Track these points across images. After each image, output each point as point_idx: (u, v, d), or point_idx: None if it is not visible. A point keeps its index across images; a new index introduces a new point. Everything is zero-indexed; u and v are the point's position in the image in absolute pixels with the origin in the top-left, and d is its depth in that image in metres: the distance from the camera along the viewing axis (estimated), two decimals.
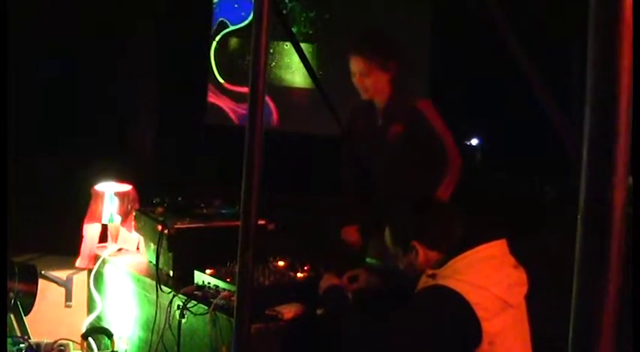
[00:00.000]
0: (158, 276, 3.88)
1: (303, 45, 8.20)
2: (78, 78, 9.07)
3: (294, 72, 11.13)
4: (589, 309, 1.11)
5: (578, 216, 1.14)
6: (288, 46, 10.62)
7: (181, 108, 10.56)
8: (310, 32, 11.27)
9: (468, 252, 3.04)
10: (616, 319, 1.11)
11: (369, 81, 4.18)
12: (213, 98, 11.54)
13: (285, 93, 11.24)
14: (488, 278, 2.98)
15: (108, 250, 4.57)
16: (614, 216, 1.12)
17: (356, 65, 4.20)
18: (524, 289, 3.10)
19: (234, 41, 11.59)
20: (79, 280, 4.70)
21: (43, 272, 4.61)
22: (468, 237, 3.11)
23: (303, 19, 11.30)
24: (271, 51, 10.94)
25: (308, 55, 8.89)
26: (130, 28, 9.94)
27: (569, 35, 9.64)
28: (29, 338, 4.25)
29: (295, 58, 8.13)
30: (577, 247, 1.14)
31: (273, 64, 11.14)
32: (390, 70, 4.18)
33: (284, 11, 9.00)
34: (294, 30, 10.25)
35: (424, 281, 3.10)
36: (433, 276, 3.05)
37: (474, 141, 11.27)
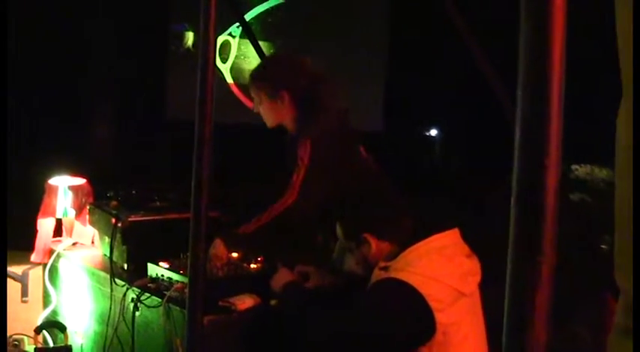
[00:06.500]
0: (112, 270, 3.86)
1: (262, 43, 8.20)
2: (33, 70, 8.96)
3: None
4: (522, 291, 1.11)
5: (512, 199, 1.14)
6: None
7: (138, 102, 10.47)
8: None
9: (420, 244, 3.06)
10: (550, 301, 1.11)
11: (261, 109, 3.92)
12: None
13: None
14: (440, 269, 2.99)
15: (63, 244, 4.54)
16: (548, 198, 1.12)
17: (251, 92, 3.97)
18: (477, 278, 3.12)
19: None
20: (35, 275, 4.66)
21: None
22: (420, 228, 3.12)
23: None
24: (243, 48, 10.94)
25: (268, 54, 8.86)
26: (87, 19, 9.84)
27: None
28: None
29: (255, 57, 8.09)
30: (510, 230, 1.14)
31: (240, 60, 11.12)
32: (281, 99, 3.84)
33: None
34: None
35: (377, 274, 3.11)
36: (386, 269, 3.07)
37: (433, 132, 11.31)
